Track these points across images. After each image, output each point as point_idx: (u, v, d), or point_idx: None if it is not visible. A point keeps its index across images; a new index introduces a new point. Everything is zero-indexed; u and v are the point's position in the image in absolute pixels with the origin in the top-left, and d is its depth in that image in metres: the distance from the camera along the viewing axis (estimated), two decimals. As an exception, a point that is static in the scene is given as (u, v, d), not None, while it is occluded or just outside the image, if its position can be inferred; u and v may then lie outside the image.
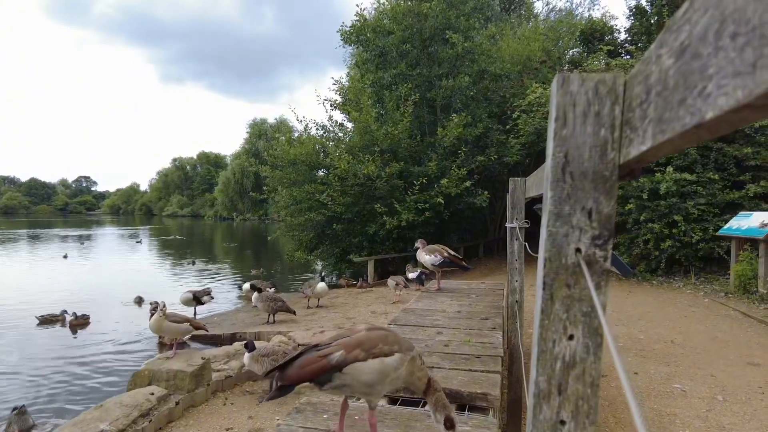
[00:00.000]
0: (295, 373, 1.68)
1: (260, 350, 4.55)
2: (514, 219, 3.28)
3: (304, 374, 1.67)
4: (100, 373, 6.37)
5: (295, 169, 13.66)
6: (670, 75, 0.48)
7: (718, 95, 0.36)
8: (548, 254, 0.75)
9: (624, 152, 0.69)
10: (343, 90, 15.31)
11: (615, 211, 0.73)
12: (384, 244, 13.36)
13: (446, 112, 14.53)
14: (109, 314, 9.53)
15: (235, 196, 64.15)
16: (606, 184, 0.72)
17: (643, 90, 0.59)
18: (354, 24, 14.66)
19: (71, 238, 31.94)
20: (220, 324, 8.21)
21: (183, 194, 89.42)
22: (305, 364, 1.68)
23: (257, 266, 16.38)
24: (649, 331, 6.47)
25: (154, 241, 31.62)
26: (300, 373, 1.67)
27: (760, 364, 5.07)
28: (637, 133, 0.61)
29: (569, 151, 0.73)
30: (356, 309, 8.40)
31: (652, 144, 0.54)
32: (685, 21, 0.44)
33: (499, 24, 17.82)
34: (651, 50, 0.56)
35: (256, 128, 63.95)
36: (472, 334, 3.10)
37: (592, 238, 0.74)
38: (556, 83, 0.73)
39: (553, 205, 0.74)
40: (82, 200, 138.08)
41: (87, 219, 77.48)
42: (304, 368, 1.67)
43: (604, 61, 12.17)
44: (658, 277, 9.91)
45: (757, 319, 6.70)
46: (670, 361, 5.31)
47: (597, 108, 0.71)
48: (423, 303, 4.13)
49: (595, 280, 0.73)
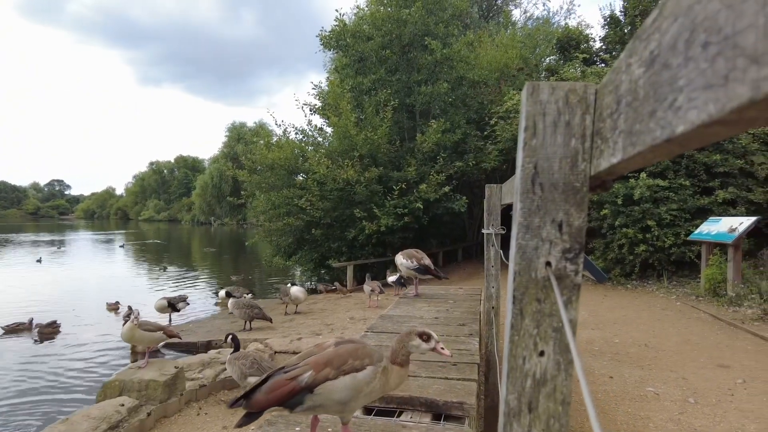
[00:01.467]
0: (263, 398, 1.62)
1: (234, 354, 4.44)
2: (491, 225, 3.28)
3: (272, 399, 1.61)
4: (67, 384, 6.14)
5: (274, 174, 13.53)
6: (640, 85, 0.46)
7: (689, 108, 0.34)
8: (518, 267, 0.73)
9: (595, 163, 0.67)
10: (322, 94, 15.26)
11: (586, 223, 0.71)
12: (363, 249, 13.30)
13: (425, 117, 14.59)
14: (81, 321, 9.24)
15: (212, 201, 63.26)
16: (577, 195, 0.70)
17: (614, 100, 0.57)
18: (334, 29, 14.63)
19: (43, 243, 31.01)
20: (196, 331, 8.03)
21: (160, 198, 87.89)
22: (273, 389, 1.62)
23: (238, 272, 16.10)
24: (623, 335, 6.56)
25: (131, 245, 30.94)
26: (269, 398, 1.61)
27: (729, 366, 5.18)
28: (608, 144, 0.59)
29: (539, 162, 0.70)
30: (335, 315, 8.32)
31: (623, 157, 0.52)
32: (654, 29, 0.42)
33: (478, 31, 18.00)
34: (621, 59, 0.54)
35: (234, 132, 63.21)
36: (449, 340, 3.08)
37: (562, 252, 0.71)
38: (525, 92, 0.71)
39: (522, 216, 0.72)
40: (55, 204, 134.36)
41: (60, 223, 75.41)
42: (272, 393, 1.61)
43: (579, 68, 12.39)
44: (633, 281, 10.08)
45: (726, 322, 6.85)
46: (644, 364, 5.39)
47: (567, 118, 0.69)
48: (401, 309, 4.10)
49: (565, 295, 0.71)
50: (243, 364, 4.25)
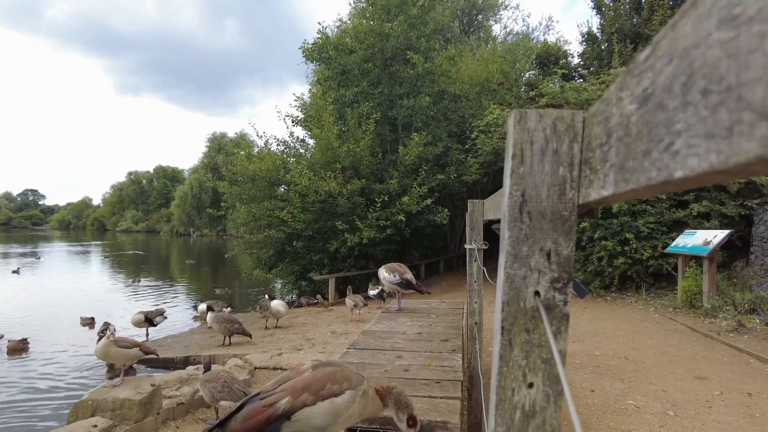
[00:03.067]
0: (239, 428, 1.56)
1: (205, 376, 4.33)
2: (473, 240, 3.29)
3: (249, 427, 1.55)
4: (36, 404, 5.89)
5: (255, 185, 13.41)
6: (633, 122, 0.45)
7: (689, 155, 0.33)
8: (506, 297, 0.71)
9: (583, 192, 0.66)
10: (305, 106, 15.24)
11: (574, 252, 0.71)
12: (345, 262, 13.23)
13: (407, 130, 14.68)
14: (54, 336, 8.94)
15: (192, 212, 62.35)
16: (565, 224, 0.69)
17: (603, 131, 0.56)
18: (316, 41, 14.67)
19: (14, 254, 30.10)
20: (173, 346, 7.85)
21: (138, 209, 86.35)
22: (249, 416, 1.57)
23: (220, 285, 15.79)
24: (604, 347, 6.62)
25: (110, 256, 30.26)
26: (244, 427, 1.56)
27: (706, 378, 5.25)
28: (598, 175, 0.58)
29: (527, 190, 0.70)
30: (316, 329, 8.22)
31: (615, 191, 0.51)
32: (647, 67, 0.41)
33: (459, 46, 18.26)
34: (611, 91, 0.53)
35: (215, 142, 62.59)
36: (433, 357, 3.05)
37: (551, 281, 0.70)
38: (513, 119, 0.70)
39: (510, 245, 0.70)
40: (28, 214, 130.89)
41: (32, 234, 73.36)
42: (247, 421, 1.56)
43: (559, 83, 12.64)
44: (612, 293, 10.22)
45: (702, 333, 6.98)
46: (624, 376, 5.43)
47: (555, 145, 0.69)
48: (383, 324, 4.06)
49: (554, 326, 0.70)
50: (214, 387, 4.14)
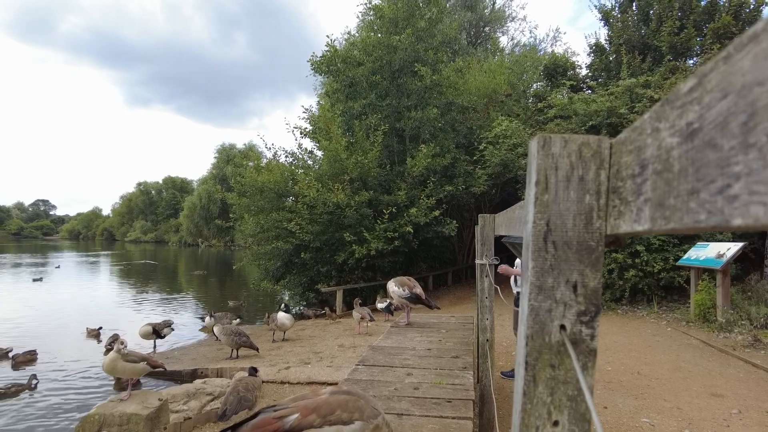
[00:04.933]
0: None
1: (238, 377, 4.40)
2: (484, 256, 3.24)
3: None
4: (42, 418, 5.86)
5: (263, 197, 13.44)
6: (674, 156, 0.42)
7: (751, 202, 0.30)
8: (530, 331, 0.68)
9: (612, 223, 0.63)
10: (313, 118, 15.32)
11: (601, 284, 0.67)
12: (353, 274, 13.18)
13: (415, 142, 14.69)
14: (62, 348, 8.94)
15: (200, 222, 62.66)
16: (592, 255, 0.66)
17: (636, 162, 0.53)
18: (324, 54, 14.78)
19: (27, 264, 30.37)
20: (181, 359, 7.82)
21: (147, 219, 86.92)
22: (259, 425, 1.58)
23: (235, 297, 15.74)
24: (616, 362, 6.50)
25: (115, 265, 30.46)
26: None
27: (723, 395, 5.13)
28: (630, 207, 0.55)
29: (551, 219, 0.66)
30: (324, 342, 8.16)
31: (651, 227, 0.48)
32: (693, 100, 0.38)
33: (466, 58, 18.32)
34: (645, 120, 0.50)
35: (224, 153, 63.08)
36: (443, 374, 3.00)
37: (577, 314, 0.67)
38: (536, 144, 0.67)
39: (535, 276, 0.67)
40: (39, 224, 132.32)
41: (42, 244, 74.04)
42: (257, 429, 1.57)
43: (567, 95, 12.61)
44: (623, 306, 10.08)
45: (717, 348, 6.84)
46: (638, 393, 5.32)
47: (581, 172, 0.66)
48: (392, 339, 4.01)
49: (581, 361, 0.67)
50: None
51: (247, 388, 4.52)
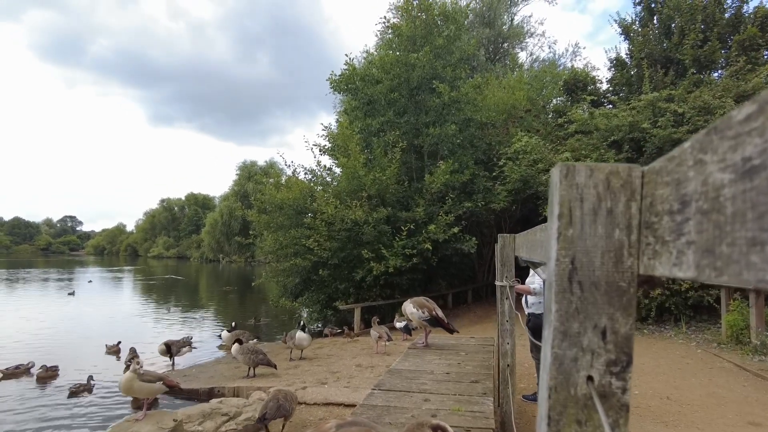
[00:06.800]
0: None
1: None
2: (504, 277, 3.13)
3: None
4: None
5: (282, 213, 13.52)
6: (726, 196, 0.35)
7: None
8: (554, 382, 0.60)
9: (646, 263, 0.56)
10: (332, 136, 15.43)
11: (634, 330, 0.60)
12: (371, 291, 13.08)
13: (433, 158, 14.64)
14: (84, 364, 9.02)
15: (221, 238, 63.41)
16: (623, 297, 0.59)
17: (674, 196, 0.46)
18: (343, 72, 14.93)
19: (54, 279, 31.11)
20: (198, 377, 7.80)
21: (170, 235, 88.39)
22: None
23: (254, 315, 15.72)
24: (643, 386, 6.24)
25: (140, 281, 30.97)
26: None
27: (761, 424, 4.86)
28: (668, 248, 0.48)
29: (577, 256, 0.59)
30: (341, 361, 8.06)
31: (696, 275, 0.41)
32: (751, 130, 0.31)
33: (485, 74, 18.31)
34: (685, 150, 0.44)
35: (245, 170, 64.02)
36: (462, 401, 2.89)
37: (606, 364, 0.59)
38: (558, 173, 0.61)
39: (558, 321, 0.60)
40: (66, 240, 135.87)
41: (69, 259, 75.83)
42: None
43: (587, 110, 12.45)
44: (649, 326, 9.74)
45: (753, 373, 6.52)
46: (668, 420, 5.08)
47: (609, 205, 0.59)
48: (410, 362, 3.91)
49: (611, 417, 0.59)
50: None
51: (287, 398, 4.68)
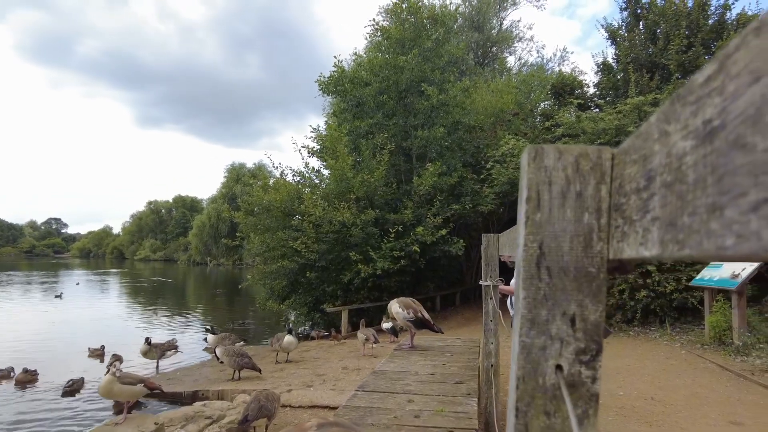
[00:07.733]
0: None
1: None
2: (488, 277, 3.12)
3: None
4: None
5: (270, 215, 13.42)
6: (688, 164, 0.33)
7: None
8: (522, 372, 0.58)
9: (615, 246, 0.54)
10: (320, 138, 15.38)
11: (603, 317, 0.58)
12: (359, 293, 13.03)
13: (422, 160, 14.66)
14: (65, 367, 8.85)
15: (209, 241, 62.90)
16: (592, 283, 0.57)
17: (641, 173, 0.44)
18: (332, 74, 14.90)
19: (37, 282, 30.60)
20: (183, 380, 7.70)
21: (156, 238, 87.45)
22: None
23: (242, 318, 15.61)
24: (628, 387, 6.28)
25: (126, 283, 30.57)
26: None
27: (742, 424, 4.90)
28: (634, 228, 0.46)
29: (545, 241, 0.57)
30: (327, 364, 8.00)
31: (661, 252, 0.39)
32: (711, 91, 0.30)
33: (473, 77, 18.39)
34: (651, 123, 0.42)
35: (233, 172, 63.63)
36: (446, 401, 2.87)
37: (576, 353, 0.57)
38: (527, 156, 0.59)
39: (526, 308, 0.58)
40: (50, 242, 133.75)
41: (53, 262, 74.61)
42: None
43: (574, 114, 12.56)
44: (635, 328, 9.82)
45: (735, 373, 6.59)
46: (652, 420, 5.10)
47: (579, 188, 0.57)
48: (395, 363, 3.88)
49: (580, 407, 0.57)
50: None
51: (269, 399, 4.64)
